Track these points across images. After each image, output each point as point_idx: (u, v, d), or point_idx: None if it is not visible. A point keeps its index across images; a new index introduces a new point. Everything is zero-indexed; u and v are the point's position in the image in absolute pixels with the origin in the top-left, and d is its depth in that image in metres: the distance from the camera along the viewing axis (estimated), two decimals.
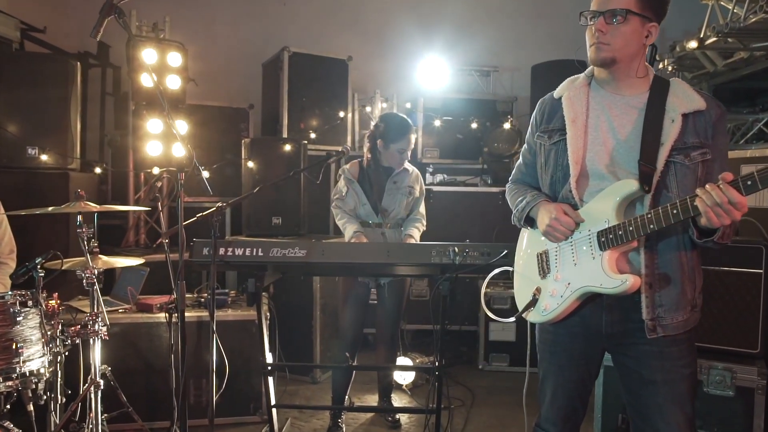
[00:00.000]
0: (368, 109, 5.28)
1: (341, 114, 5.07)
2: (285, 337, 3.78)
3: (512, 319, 2.01)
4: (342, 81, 5.24)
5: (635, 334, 1.80)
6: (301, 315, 4.09)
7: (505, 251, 2.58)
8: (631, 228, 1.70)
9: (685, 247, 1.79)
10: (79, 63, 4.17)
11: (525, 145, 2.18)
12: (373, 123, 5.25)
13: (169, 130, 4.27)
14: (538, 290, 1.93)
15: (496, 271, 2.24)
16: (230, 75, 5.63)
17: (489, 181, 5.22)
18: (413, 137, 3.30)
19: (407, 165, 3.37)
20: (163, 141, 4.49)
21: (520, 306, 2.01)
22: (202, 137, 4.90)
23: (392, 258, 2.59)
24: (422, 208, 3.41)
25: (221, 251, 2.61)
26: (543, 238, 1.95)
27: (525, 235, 2.11)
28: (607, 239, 1.76)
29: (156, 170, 4.30)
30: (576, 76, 2.03)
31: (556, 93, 2.03)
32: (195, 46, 4.99)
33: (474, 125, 4.94)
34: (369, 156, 3.35)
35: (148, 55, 4.44)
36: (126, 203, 4.64)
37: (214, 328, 2.61)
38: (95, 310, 2.48)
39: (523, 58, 5.82)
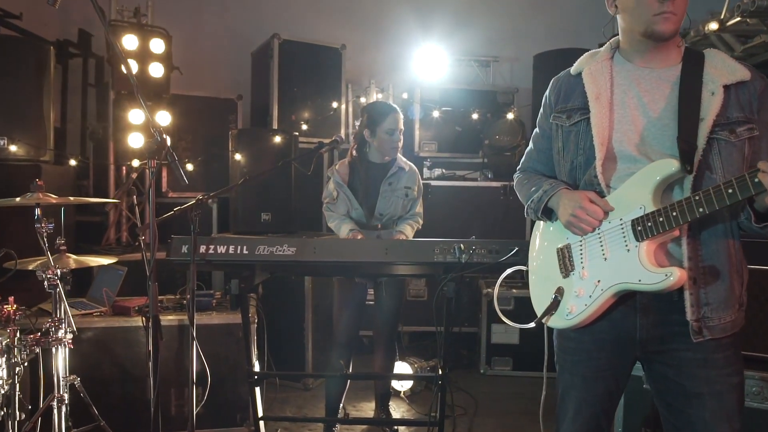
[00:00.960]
0: (363, 100, 5.03)
1: (334, 105, 4.82)
2: (274, 341, 3.52)
3: (532, 324, 1.77)
4: (335, 71, 4.99)
5: (676, 338, 1.57)
6: (292, 317, 3.84)
7: (516, 248, 2.35)
8: (674, 213, 1.47)
9: (733, 236, 1.57)
10: (52, 48, 3.90)
11: (536, 130, 1.94)
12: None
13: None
14: (560, 291, 1.69)
15: (510, 270, 1.99)
16: (217, 64, 5.36)
17: (489, 176, 4.98)
18: (400, 117, 3.02)
19: (403, 162, 3.11)
20: (145, 132, 4.22)
21: (539, 309, 1.77)
22: (187, 129, 4.63)
23: (391, 256, 2.35)
24: (419, 207, 3.16)
25: (202, 249, 2.36)
26: (563, 231, 1.71)
27: (541, 229, 1.87)
28: (644, 228, 1.52)
29: (136, 163, 4.04)
30: (595, 50, 1.80)
31: (573, 69, 1.80)
32: (180, 32, 4.72)
33: (475, 116, 4.69)
34: (356, 155, 3.08)
35: (129, 41, 4.18)
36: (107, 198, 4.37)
37: (195, 334, 2.36)
38: (58, 315, 2.21)
39: (524, 48, 5.58)
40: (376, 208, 3.01)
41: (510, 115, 4.61)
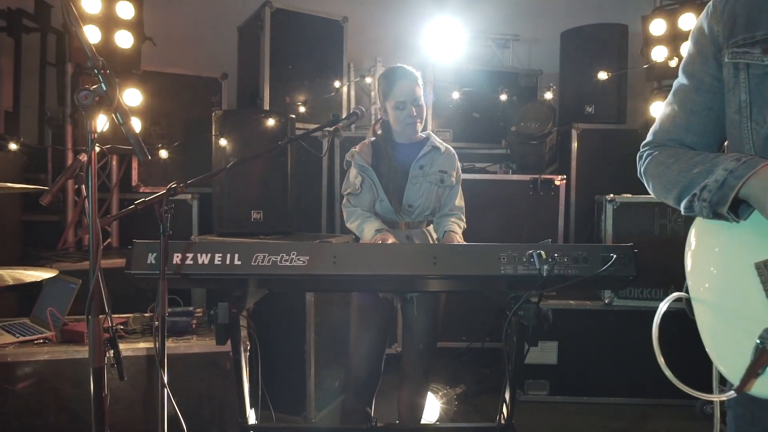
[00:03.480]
0: (368, 80, 4.35)
1: (336, 84, 4.14)
2: (268, 368, 2.82)
3: (731, 393, 1.09)
4: (336, 46, 4.32)
5: None
6: (290, 337, 3.15)
7: (614, 255, 1.69)
8: None
9: None
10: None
11: (681, 82, 1.30)
12: (373, 95, 4.38)
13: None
14: None
15: (668, 301, 1.29)
16: (199, 37, 4.66)
17: (512, 168, 4.33)
18: (413, 84, 2.32)
19: (437, 141, 2.45)
20: (110, 114, 3.50)
21: (725, 360, 1.11)
22: (162, 111, 3.93)
23: (441, 267, 1.68)
24: (460, 199, 2.48)
25: (176, 258, 1.66)
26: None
27: (717, 233, 1.21)
28: None
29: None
30: None
31: None
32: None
33: (503, 97, 4.03)
34: (380, 132, 2.42)
35: (90, 2, 3.45)
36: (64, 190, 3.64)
37: (165, 380, 1.67)
38: None
39: (544, 27, 4.95)
40: (404, 198, 2.34)
41: (548, 95, 3.96)
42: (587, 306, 3.53)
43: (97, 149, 3.19)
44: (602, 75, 3.54)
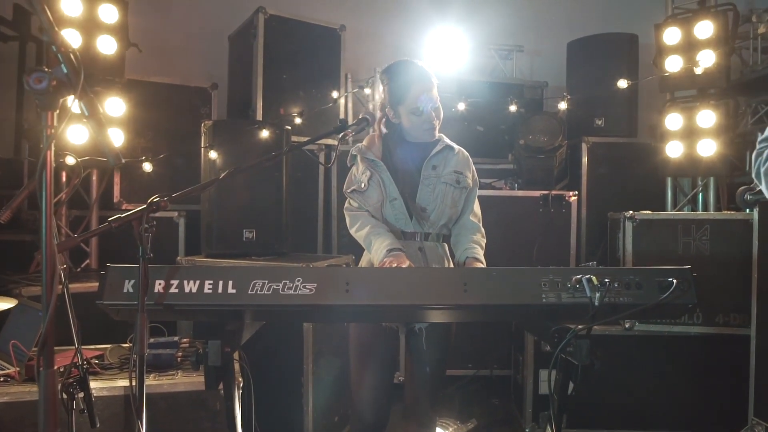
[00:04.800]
0: (367, 91, 4.12)
1: (335, 94, 3.90)
2: (262, 403, 2.53)
3: None
4: (333, 56, 4.09)
5: None
6: (285, 368, 2.86)
7: (673, 280, 1.45)
8: None
9: None
10: None
11: None
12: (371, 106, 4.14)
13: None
14: None
15: None
16: (187, 45, 4.41)
17: (517, 184, 4.10)
18: (429, 86, 2.08)
19: (449, 140, 2.20)
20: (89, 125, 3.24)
21: None
22: (148, 123, 3.67)
23: (473, 295, 1.42)
24: (477, 207, 2.24)
25: (158, 286, 1.40)
26: None
27: None
28: None
29: (70, 160, 3.03)
30: None
31: None
32: (139, 1, 3.77)
33: (512, 108, 3.81)
34: (387, 131, 2.17)
35: (69, 4, 3.20)
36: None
37: (143, 428, 1.39)
38: None
39: (547, 38, 4.78)
40: (417, 200, 2.07)
41: (563, 105, 3.74)
42: (606, 331, 3.28)
43: (71, 160, 2.90)
44: (622, 83, 3.33)
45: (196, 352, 1.38)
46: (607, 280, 1.43)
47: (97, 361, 2.26)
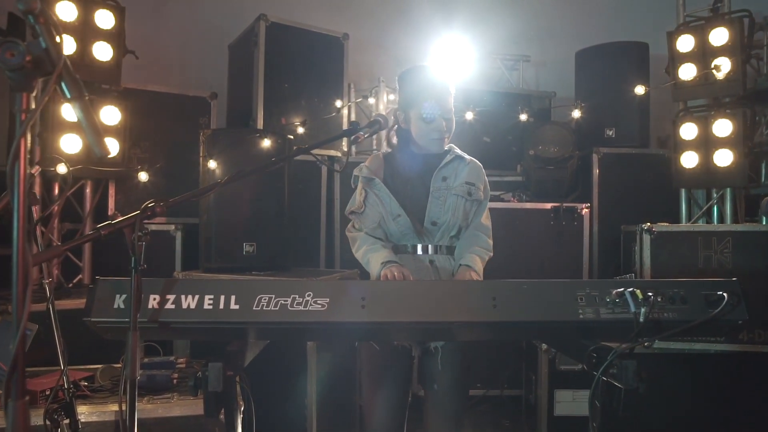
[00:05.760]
0: (371, 100, 4.01)
1: (338, 104, 3.78)
2: (264, 428, 2.36)
3: None
4: (336, 65, 3.99)
5: None
6: (288, 390, 2.70)
7: (724, 294, 1.31)
8: None
9: None
10: None
11: None
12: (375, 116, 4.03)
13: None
14: None
15: None
16: (186, 53, 4.31)
17: (525, 196, 3.97)
18: (444, 93, 1.97)
19: (460, 151, 2.09)
20: (83, 134, 3.11)
21: None
22: (145, 133, 3.54)
23: (503, 311, 1.28)
24: (486, 218, 2.11)
25: (152, 302, 1.26)
26: None
27: None
28: None
29: (62, 168, 2.89)
30: None
31: None
32: (137, 9, 3.66)
33: (523, 117, 3.70)
34: (396, 143, 2.07)
35: (65, 9, 3.09)
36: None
37: None
38: None
39: (559, 47, 4.68)
40: (427, 214, 1.95)
41: (576, 113, 3.63)
42: (624, 349, 3.12)
43: (63, 169, 2.76)
44: (639, 89, 3.22)
45: (195, 376, 1.23)
46: (650, 294, 1.29)
47: (86, 384, 2.11)
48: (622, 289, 1.28)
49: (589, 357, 1.31)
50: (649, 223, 3.11)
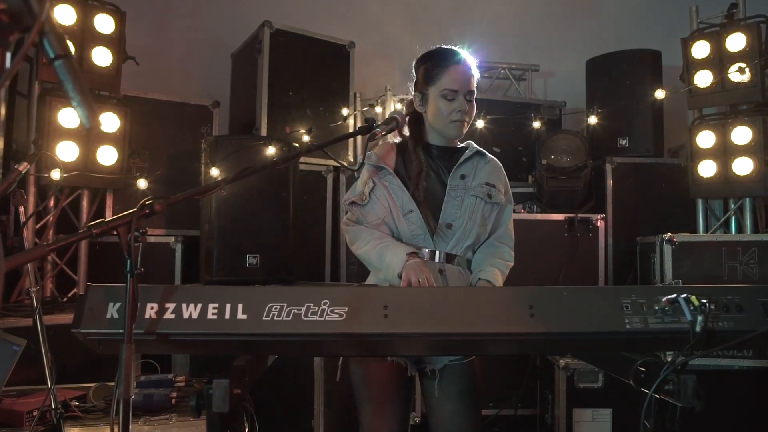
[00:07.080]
0: (378, 109, 3.90)
1: (345, 112, 3.68)
2: None
3: None
4: (342, 73, 3.90)
5: None
6: (294, 409, 2.56)
7: None
8: None
9: None
10: None
11: None
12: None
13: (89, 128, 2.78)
14: None
15: None
16: (188, 61, 4.21)
17: (537, 207, 3.85)
18: (468, 72, 1.82)
19: (479, 148, 1.93)
20: (81, 141, 3.01)
21: None
22: (145, 141, 3.42)
23: (541, 321, 1.15)
24: (510, 229, 1.96)
25: (150, 311, 1.12)
26: None
27: None
28: None
29: (56, 174, 2.77)
30: None
31: None
32: (138, 15, 3.57)
33: (536, 124, 3.59)
34: (409, 135, 1.90)
35: (64, 13, 3.00)
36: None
37: None
38: None
39: (568, 57, 4.60)
40: (441, 215, 1.79)
41: (593, 119, 3.52)
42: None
43: (56, 175, 2.65)
44: (659, 93, 3.11)
45: (197, 395, 1.09)
46: (704, 301, 1.16)
47: (77, 403, 1.96)
48: (675, 295, 1.15)
49: (637, 372, 1.17)
50: (669, 234, 2.99)
